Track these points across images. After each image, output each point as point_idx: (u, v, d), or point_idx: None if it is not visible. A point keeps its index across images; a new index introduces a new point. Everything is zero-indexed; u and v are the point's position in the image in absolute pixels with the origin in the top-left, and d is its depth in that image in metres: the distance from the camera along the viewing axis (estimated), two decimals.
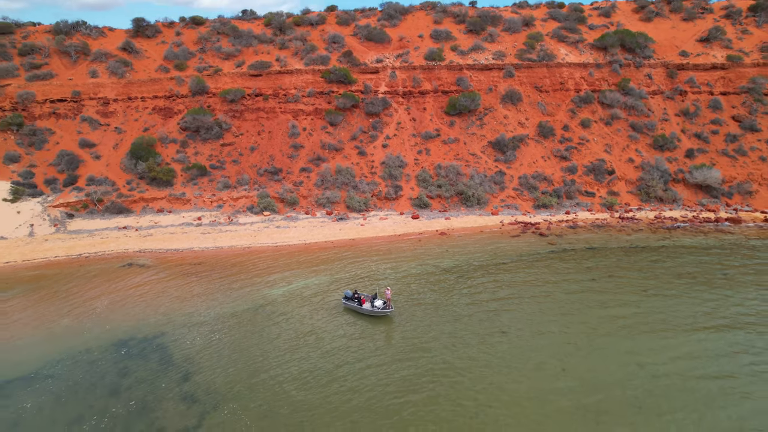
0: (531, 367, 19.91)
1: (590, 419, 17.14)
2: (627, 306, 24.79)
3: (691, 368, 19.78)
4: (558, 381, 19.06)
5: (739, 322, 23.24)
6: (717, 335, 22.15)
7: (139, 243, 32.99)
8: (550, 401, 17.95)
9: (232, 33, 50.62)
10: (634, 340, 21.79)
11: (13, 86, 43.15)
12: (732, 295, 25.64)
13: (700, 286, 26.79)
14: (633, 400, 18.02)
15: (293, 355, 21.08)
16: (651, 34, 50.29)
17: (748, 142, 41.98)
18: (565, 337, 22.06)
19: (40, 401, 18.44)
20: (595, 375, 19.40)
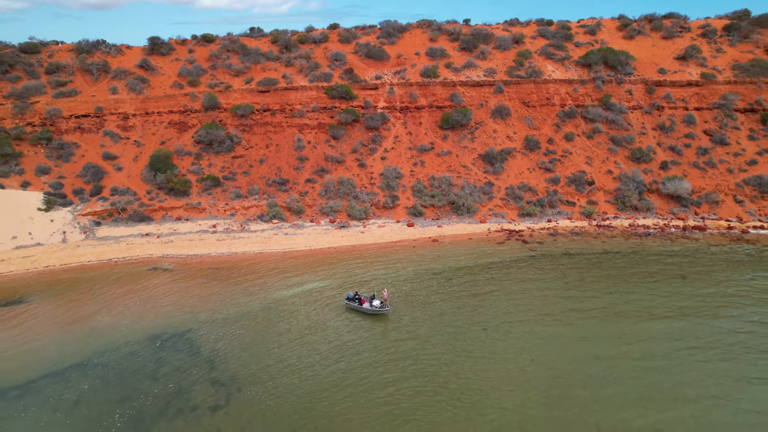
0: (502, 351, 23.61)
1: (548, 388, 20.83)
2: (590, 304, 28.49)
3: (632, 351, 23.47)
4: (523, 362, 22.76)
5: (682, 314, 26.91)
6: (662, 325, 25.83)
7: (161, 249, 36.77)
8: (512, 371, 21.66)
9: (241, 51, 54.36)
10: (591, 328, 25.48)
11: (41, 103, 46.96)
12: (682, 293, 29.33)
13: (659, 286, 30.48)
14: (584, 375, 21.71)
15: (303, 345, 24.83)
16: (633, 51, 53.93)
17: (717, 155, 45.62)
18: (533, 331, 25.76)
19: (94, 384, 22.22)
20: (554, 357, 23.10)
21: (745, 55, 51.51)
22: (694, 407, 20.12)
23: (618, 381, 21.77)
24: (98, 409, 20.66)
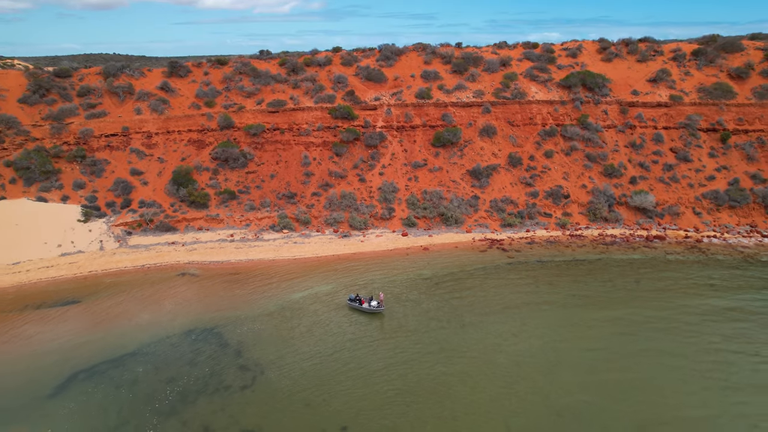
0: (475, 341, 29.06)
1: (509, 367, 26.26)
2: (551, 304, 33.91)
3: (580, 335, 28.89)
4: (489, 348, 28.21)
5: (627, 309, 32.31)
6: (604, 316, 31.24)
7: (186, 256, 42.30)
8: (480, 356, 27.08)
9: (252, 73, 59.86)
10: (549, 321, 30.89)
11: (75, 124, 52.52)
12: (633, 293, 34.72)
13: (615, 288, 35.89)
14: (538, 356, 27.14)
15: (312, 338, 30.31)
16: (610, 73, 59.27)
17: (680, 171, 50.96)
18: (502, 325, 31.19)
19: (146, 368, 27.74)
20: (518, 346, 28.53)
21: (710, 79, 56.81)
22: (616, 373, 25.59)
23: (561, 354, 27.23)
24: (152, 387, 26.18)
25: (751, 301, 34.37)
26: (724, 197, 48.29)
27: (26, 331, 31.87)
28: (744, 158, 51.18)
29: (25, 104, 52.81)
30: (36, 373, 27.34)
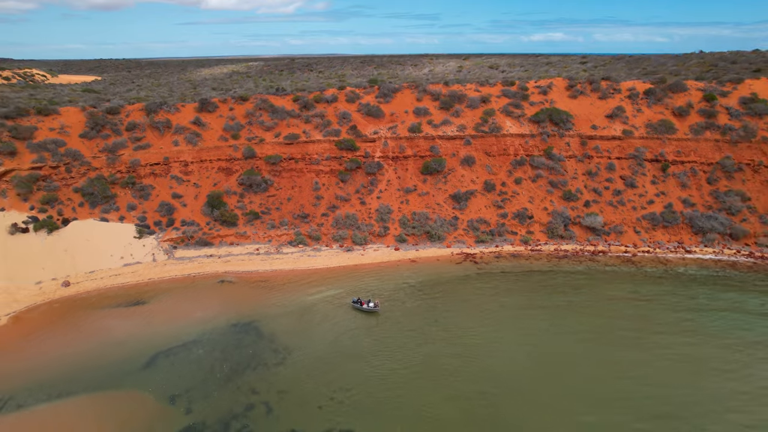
0: (443, 332, 40.14)
1: (460, 357, 37.28)
2: (506, 306, 44.96)
3: (513, 327, 39.85)
4: (454, 337, 39.27)
5: (557, 310, 43.26)
6: (544, 315, 42.22)
7: (223, 266, 53.58)
8: (443, 342, 38.13)
9: (270, 109, 71.11)
10: (501, 316, 41.90)
11: (125, 155, 63.89)
12: (566, 296, 45.67)
13: (556, 293, 46.87)
14: (485, 338, 38.14)
15: (323, 330, 41.45)
16: (575, 109, 70.16)
17: (627, 196, 61.83)
18: (465, 321, 42.26)
19: (205, 350, 38.97)
20: (473, 335, 39.58)
21: (657, 116, 67.64)
22: (538, 346, 36.64)
23: (503, 337, 38.32)
24: (211, 364, 37.40)
25: (661, 294, 45.37)
26: (659, 218, 59.18)
27: (110, 324, 43.16)
28: (679, 185, 62.03)
29: (86, 139, 64.24)
30: (129, 353, 38.64)
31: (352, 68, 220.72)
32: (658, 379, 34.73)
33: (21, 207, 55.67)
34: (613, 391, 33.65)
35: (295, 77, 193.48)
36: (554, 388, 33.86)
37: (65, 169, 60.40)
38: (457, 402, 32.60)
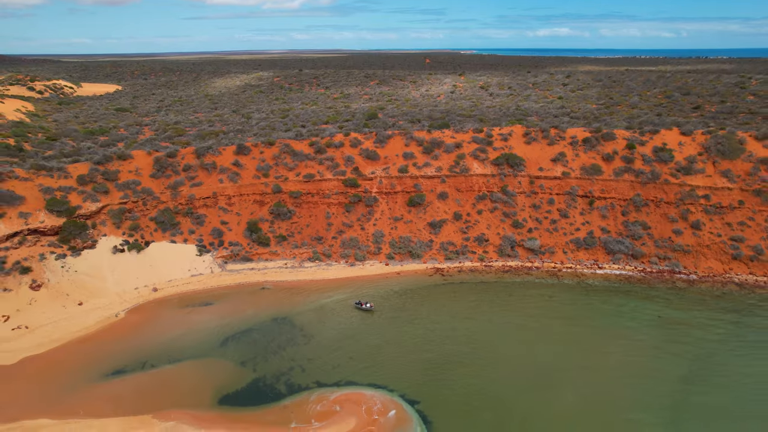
0: (416, 324, 61.69)
1: (425, 345, 58.79)
2: (461, 305, 66.45)
3: (462, 319, 61.25)
4: (421, 326, 60.79)
5: (492, 312, 64.61)
6: (484, 317, 63.63)
7: (262, 277, 75.30)
8: (416, 326, 59.67)
9: (291, 152, 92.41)
10: (457, 314, 63.31)
11: (184, 190, 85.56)
12: (501, 297, 67.02)
13: (495, 297, 68.21)
14: (445, 329, 59.59)
15: (334, 323, 63.15)
16: (528, 154, 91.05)
17: (560, 224, 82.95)
18: (430, 315, 63.78)
19: (259, 335, 60.75)
20: (434, 324, 61.08)
21: (590, 160, 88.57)
22: (473, 331, 58.17)
23: (457, 326, 59.90)
24: (264, 343, 59.11)
25: (567, 297, 66.80)
26: (582, 242, 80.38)
27: (192, 318, 65.01)
28: (600, 216, 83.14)
29: (154, 178, 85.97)
30: (209, 336, 60.46)
31: (357, 83, 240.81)
32: (535, 346, 56.27)
33: (116, 233, 77.64)
34: (509, 348, 55.20)
35: (305, 95, 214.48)
36: (478, 341, 55.46)
37: (142, 203, 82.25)
38: (421, 357, 54.27)
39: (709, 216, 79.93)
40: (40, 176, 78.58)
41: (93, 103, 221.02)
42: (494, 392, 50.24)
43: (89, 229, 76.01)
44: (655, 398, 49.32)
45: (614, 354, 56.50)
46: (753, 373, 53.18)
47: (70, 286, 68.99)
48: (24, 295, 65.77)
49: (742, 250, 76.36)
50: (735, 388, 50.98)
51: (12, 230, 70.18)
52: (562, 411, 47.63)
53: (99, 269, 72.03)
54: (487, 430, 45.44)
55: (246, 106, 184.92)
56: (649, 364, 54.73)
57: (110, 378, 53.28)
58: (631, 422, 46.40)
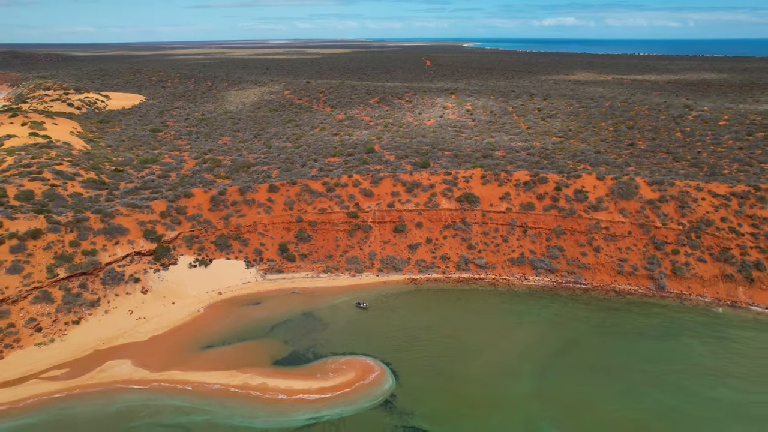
0: (391, 315, 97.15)
1: (402, 330, 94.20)
2: (423, 302, 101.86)
3: (424, 314, 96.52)
4: (400, 316, 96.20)
5: (447, 302, 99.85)
6: (440, 315, 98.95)
7: (291, 284, 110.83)
8: (395, 320, 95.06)
9: (309, 191, 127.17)
10: (427, 312, 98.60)
11: (233, 220, 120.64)
12: (450, 299, 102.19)
13: (452, 302, 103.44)
14: (416, 324, 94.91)
15: (341, 315, 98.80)
16: (483, 192, 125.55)
17: (502, 247, 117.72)
18: (405, 312, 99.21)
19: (294, 324, 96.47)
20: (408, 317, 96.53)
21: (527, 199, 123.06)
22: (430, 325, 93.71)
23: (424, 322, 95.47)
24: (298, 328, 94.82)
25: (496, 300, 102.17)
26: (515, 260, 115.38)
27: (249, 313, 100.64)
28: (530, 242, 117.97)
29: (211, 211, 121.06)
30: (262, 324, 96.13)
31: (359, 100, 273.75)
32: (468, 332, 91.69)
33: (189, 253, 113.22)
34: (451, 333, 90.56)
35: (314, 115, 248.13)
36: (432, 329, 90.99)
37: (204, 230, 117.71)
38: (396, 337, 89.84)
39: (607, 242, 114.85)
40: (135, 212, 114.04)
41: (128, 121, 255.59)
42: (436, 359, 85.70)
43: (171, 250, 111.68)
44: (534, 361, 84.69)
45: (517, 337, 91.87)
46: (602, 347, 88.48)
47: (165, 291, 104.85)
48: (138, 297, 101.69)
49: (624, 267, 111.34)
50: (586, 355, 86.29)
51: (125, 253, 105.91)
52: (476, 370, 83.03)
53: (181, 279, 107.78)
54: (428, 379, 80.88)
55: (264, 129, 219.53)
56: (537, 342, 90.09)
57: (205, 350, 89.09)
58: (515, 373, 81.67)
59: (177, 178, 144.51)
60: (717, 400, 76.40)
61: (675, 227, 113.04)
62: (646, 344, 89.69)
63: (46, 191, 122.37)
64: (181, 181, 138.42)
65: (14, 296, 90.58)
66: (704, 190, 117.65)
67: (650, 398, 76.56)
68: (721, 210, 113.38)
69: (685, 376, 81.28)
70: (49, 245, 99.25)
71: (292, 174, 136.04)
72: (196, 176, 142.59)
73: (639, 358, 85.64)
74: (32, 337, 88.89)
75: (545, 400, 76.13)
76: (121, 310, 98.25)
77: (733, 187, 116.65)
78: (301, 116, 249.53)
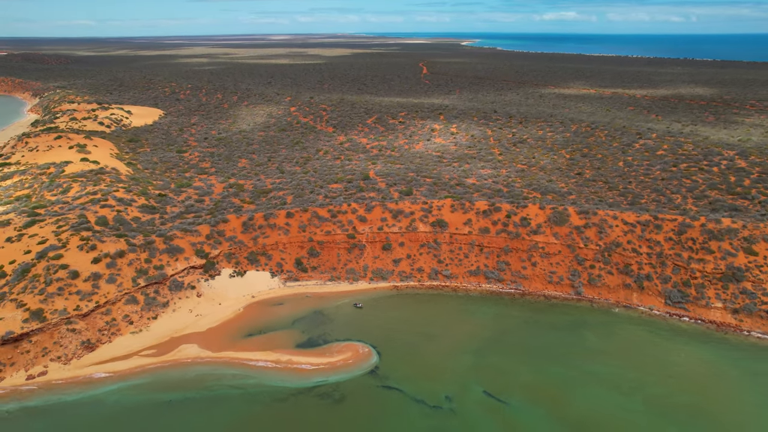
0: (380, 310, 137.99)
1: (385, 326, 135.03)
2: (401, 302, 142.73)
3: (402, 311, 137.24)
4: (385, 311, 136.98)
5: (420, 303, 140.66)
6: (412, 306, 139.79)
7: (305, 290, 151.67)
8: (381, 313, 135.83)
9: (317, 216, 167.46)
10: (406, 312, 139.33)
11: (260, 240, 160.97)
12: (423, 300, 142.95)
13: (423, 299, 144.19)
14: (395, 319, 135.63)
15: (342, 312, 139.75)
16: (451, 218, 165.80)
17: (464, 262, 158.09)
18: (388, 309, 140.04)
19: (310, 318, 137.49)
20: (392, 312, 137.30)
21: (485, 223, 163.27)
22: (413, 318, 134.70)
23: (398, 311, 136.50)
24: (312, 321, 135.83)
25: (456, 303, 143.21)
26: (475, 272, 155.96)
27: (275, 311, 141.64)
28: (485, 258, 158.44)
29: (243, 234, 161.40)
30: (286, 319, 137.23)
31: (359, 120, 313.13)
32: (430, 326, 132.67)
33: (228, 266, 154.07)
34: (418, 326, 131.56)
35: (318, 137, 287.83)
36: (407, 321, 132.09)
37: (238, 249, 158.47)
38: (380, 327, 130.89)
39: (542, 259, 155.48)
40: (187, 235, 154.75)
41: (153, 139, 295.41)
42: (408, 343, 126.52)
43: (216, 264, 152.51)
44: (475, 343, 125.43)
45: (466, 328, 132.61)
46: (524, 335, 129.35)
47: (213, 294, 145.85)
48: (195, 300, 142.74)
49: (553, 278, 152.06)
50: (512, 341, 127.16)
51: (183, 267, 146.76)
52: (434, 349, 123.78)
53: (224, 286, 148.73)
54: (400, 356, 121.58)
55: (276, 152, 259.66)
56: (479, 331, 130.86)
57: (247, 337, 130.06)
58: (461, 351, 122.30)
59: (210, 202, 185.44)
60: (595, 373, 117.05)
61: (594, 248, 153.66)
62: (556, 334, 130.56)
63: (115, 217, 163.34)
64: (216, 206, 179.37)
65: (113, 299, 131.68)
66: (618, 219, 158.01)
67: (551, 370, 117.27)
68: (628, 234, 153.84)
69: (577, 357, 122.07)
70: (131, 262, 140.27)
71: (303, 201, 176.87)
72: (225, 201, 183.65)
73: (548, 344, 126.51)
74: (127, 327, 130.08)
75: (479, 369, 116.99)
76: (184, 309, 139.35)
77: (640, 217, 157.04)
78: (307, 137, 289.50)
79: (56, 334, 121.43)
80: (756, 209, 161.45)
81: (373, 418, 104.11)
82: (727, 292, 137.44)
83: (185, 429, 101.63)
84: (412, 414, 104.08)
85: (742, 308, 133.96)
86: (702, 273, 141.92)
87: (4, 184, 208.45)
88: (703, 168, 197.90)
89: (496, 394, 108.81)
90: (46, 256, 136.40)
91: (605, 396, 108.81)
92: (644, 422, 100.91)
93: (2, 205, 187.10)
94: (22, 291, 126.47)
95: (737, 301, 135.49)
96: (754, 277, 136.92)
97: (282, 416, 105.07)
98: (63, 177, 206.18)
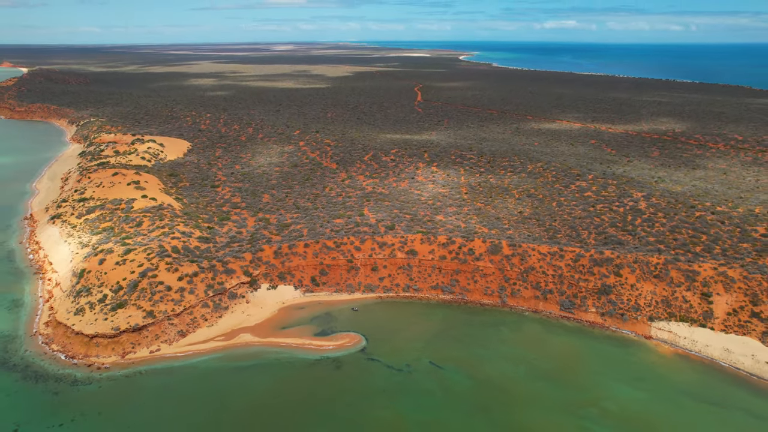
0: (371, 311, 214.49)
1: (376, 327, 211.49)
2: (381, 309, 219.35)
3: (393, 311, 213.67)
4: (375, 313, 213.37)
5: (391, 313, 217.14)
6: (412, 318, 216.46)
7: (317, 298, 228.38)
8: (377, 311, 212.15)
9: (326, 246, 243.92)
10: (394, 313, 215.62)
11: (286, 264, 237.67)
12: (396, 309, 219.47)
13: (411, 304, 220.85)
14: (383, 318, 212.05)
15: (343, 315, 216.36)
16: (421, 249, 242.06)
17: (428, 280, 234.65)
18: (378, 312, 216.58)
19: (322, 318, 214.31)
20: (380, 312, 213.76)
21: (443, 253, 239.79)
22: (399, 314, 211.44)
23: (388, 311, 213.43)
24: (325, 320, 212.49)
25: (419, 310, 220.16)
26: (435, 287, 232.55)
27: (299, 313, 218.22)
28: (442, 276, 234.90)
29: (275, 259, 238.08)
30: (307, 318, 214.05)
31: (358, 157, 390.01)
32: (402, 329, 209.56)
33: (266, 282, 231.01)
34: (391, 323, 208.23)
35: (324, 173, 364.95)
36: (384, 319, 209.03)
37: (272, 270, 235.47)
38: (367, 321, 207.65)
39: (481, 278, 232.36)
40: (237, 261, 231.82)
41: (188, 173, 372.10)
42: (385, 333, 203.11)
43: (257, 281, 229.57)
44: (427, 335, 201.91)
45: (423, 325, 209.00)
46: (462, 330, 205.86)
47: (257, 301, 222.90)
48: (245, 305, 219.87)
49: (488, 291, 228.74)
50: (453, 334, 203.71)
51: (236, 282, 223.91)
52: (400, 337, 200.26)
53: (264, 295, 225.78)
54: (380, 342, 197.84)
55: (292, 188, 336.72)
56: (431, 328, 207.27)
57: (282, 329, 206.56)
58: (417, 340, 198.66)
59: (247, 234, 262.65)
60: (501, 352, 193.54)
61: (517, 270, 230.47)
62: (483, 329, 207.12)
63: (183, 246, 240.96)
64: (252, 236, 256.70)
65: (194, 304, 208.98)
66: (536, 250, 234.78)
67: (475, 351, 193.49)
68: (541, 261, 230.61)
69: (493, 343, 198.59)
70: (203, 279, 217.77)
71: (315, 233, 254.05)
72: (258, 233, 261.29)
73: (476, 335, 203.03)
74: (204, 323, 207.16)
75: (428, 349, 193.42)
76: (238, 311, 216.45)
77: (551, 249, 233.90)
78: (315, 173, 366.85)
79: (162, 326, 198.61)
80: (634, 243, 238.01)
81: (361, 376, 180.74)
82: (600, 301, 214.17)
83: (247, 383, 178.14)
84: (384, 374, 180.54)
85: (607, 312, 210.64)
86: (585, 288, 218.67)
87: (90, 217, 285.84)
88: (612, 209, 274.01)
89: (437, 363, 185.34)
90: (147, 275, 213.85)
91: (504, 366, 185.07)
92: (523, 380, 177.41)
93: (95, 234, 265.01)
94: (138, 299, 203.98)
95: (605, 307, 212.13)
96: (617, 292, 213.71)
97: (305, 376, 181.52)
98: (134, 212, 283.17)
